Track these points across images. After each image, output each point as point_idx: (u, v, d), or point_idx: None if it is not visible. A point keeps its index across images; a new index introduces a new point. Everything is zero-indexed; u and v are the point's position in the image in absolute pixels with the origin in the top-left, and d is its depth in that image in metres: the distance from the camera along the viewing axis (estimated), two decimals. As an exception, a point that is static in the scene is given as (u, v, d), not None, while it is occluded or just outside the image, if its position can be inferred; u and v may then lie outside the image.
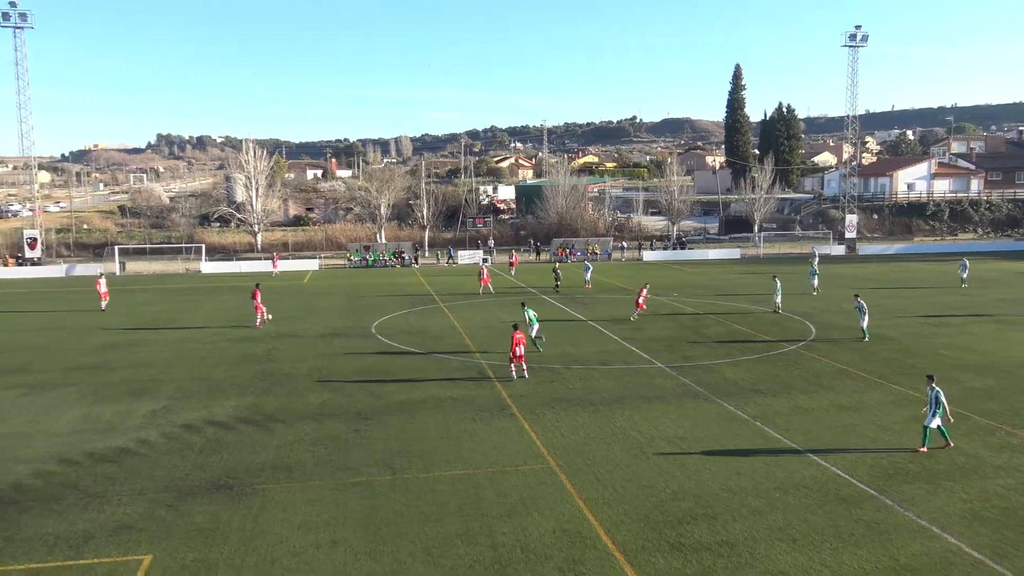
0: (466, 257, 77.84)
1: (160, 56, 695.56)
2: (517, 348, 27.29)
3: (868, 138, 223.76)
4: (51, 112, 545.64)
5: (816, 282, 49.62)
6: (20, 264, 72.72)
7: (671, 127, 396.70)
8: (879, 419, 22.46)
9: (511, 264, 64.29)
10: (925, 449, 19.61)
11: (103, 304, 46.39)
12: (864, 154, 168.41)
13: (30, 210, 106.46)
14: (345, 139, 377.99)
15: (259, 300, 39.83)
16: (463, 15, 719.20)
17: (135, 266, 74.06)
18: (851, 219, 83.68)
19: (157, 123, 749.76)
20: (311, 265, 73.63)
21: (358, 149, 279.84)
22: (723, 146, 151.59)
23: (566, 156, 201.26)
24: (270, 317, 40.15)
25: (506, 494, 17.33)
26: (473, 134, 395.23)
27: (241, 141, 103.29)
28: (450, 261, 76.81)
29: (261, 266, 72.18)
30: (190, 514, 16.41)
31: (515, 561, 14.30)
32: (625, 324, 38.47)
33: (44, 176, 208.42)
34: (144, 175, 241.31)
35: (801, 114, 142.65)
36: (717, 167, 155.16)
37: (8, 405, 25.05)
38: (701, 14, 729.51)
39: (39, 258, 74.30)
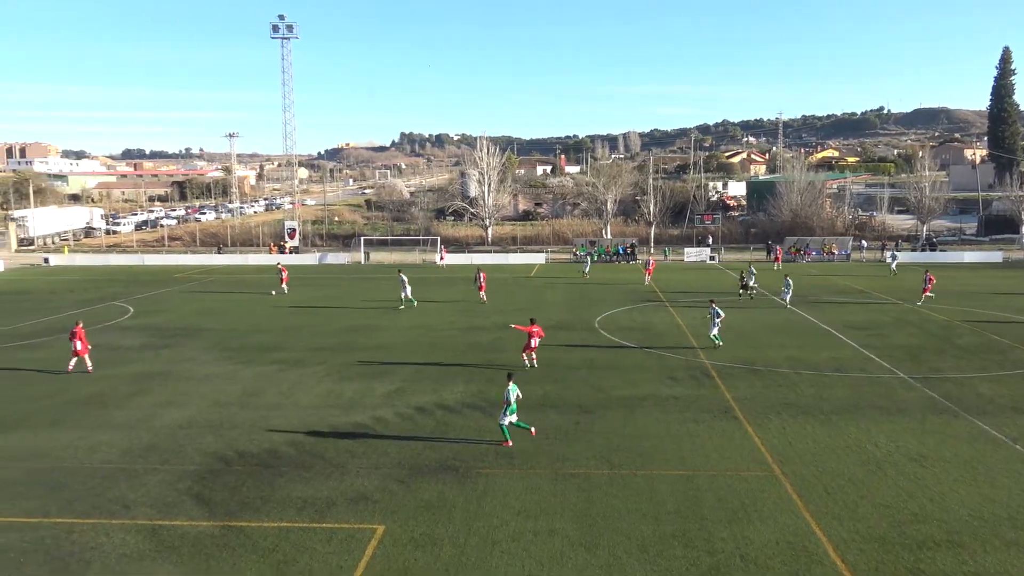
0: (692, 255, 76.32)
1: (404, 59, 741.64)
2: (532, 340, 28.20)
3: None
4: (309, 114, 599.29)
5: None
6: (281, 252, 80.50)
7: (923, 118, 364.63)
8: None
9: (647, 271, 56.24)
10: None
11: (285, 288, 50.77)
12: None
13: (290, 203, 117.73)
14: (574, 135, 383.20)
15: (484, 283, 45.28)
16: (693, 9, 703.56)
17: (378, 256, 79.50)
18: None
19: (401, 122, 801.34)
20: (538, 259, 75.48)
21: (586, 145, 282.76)
22: (985, 138, 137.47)
23: (803, 151, 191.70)
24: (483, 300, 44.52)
25: (726, 499, 16.80)
26: (704, 129, 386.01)
27: (476, 139, 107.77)
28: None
29: (491, 258, 75.16)
30: (419, 490, 17.38)
31: (733, 569, 13.83)
32: (863, 329, 35.97)
33: (303, 173, 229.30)
34: (388, 171, 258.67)
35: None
36: (977, 161, 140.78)
37: (265, 379, 27.83)
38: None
39: (297, 246, 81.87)
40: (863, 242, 78.18)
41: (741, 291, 47.77)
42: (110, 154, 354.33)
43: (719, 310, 32.38)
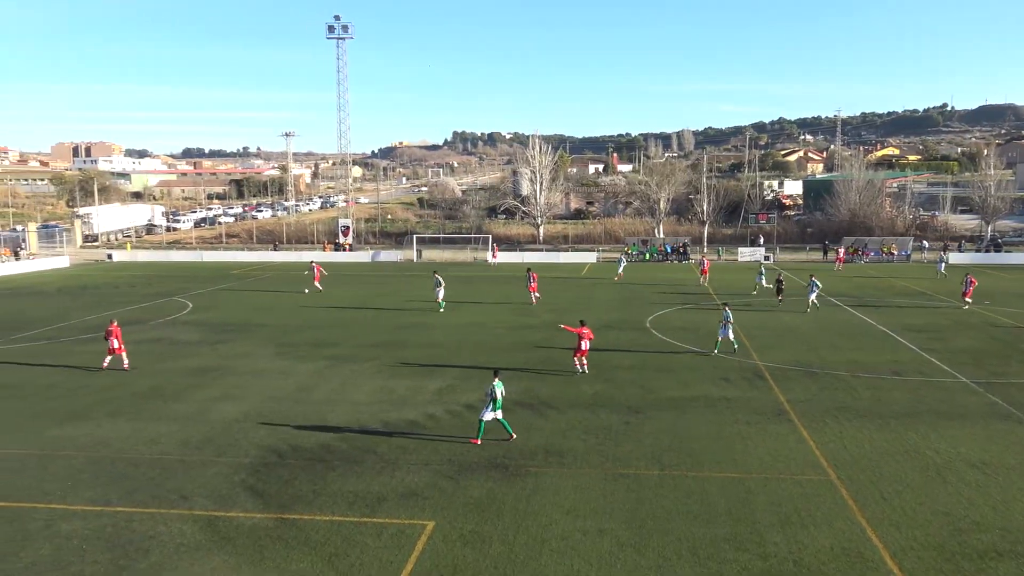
0: (746, 254, 75.27)
1: (457, 58, 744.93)
2: (583, 343, 27.13)
3: None
4: (363, 113, 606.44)
5: None
6: (336, 249, 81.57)
7: (989, 115, 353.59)
8: None
9: (702, 271, 55.12)
10: None
11: (318, 286, 50.89)
12: None
13: (345, 201, 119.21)
14: (627, 134, 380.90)
15: (535, 283, 44.43)
16: (750, 5, 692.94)
17: (430, 254, 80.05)
18: None
19: (453, 121, 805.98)
20: (589, 258, 75.22)
21: (639, 143, 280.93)
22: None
23: (862, 149, 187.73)
24: (538, 296, 44.22)
25: (780, 503, 16.52)
26: (759, 127, 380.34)
27: (528, 137, 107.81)
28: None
29: (542, 257, 75.19)
30: (469, 488, 17.45)
31: (786, 574, 13.61)
32: (923, 332, 35.08)
33: (357, 171, 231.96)
34: (440, 170, 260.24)
35: None
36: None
37: (318, 375, 28.22)
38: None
39: (351, 244, 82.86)
40: (924, 242, 76.23)
41: (780, 298, 44.05)
42: (171, 153, 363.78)
43: (730, 313, 31.22)
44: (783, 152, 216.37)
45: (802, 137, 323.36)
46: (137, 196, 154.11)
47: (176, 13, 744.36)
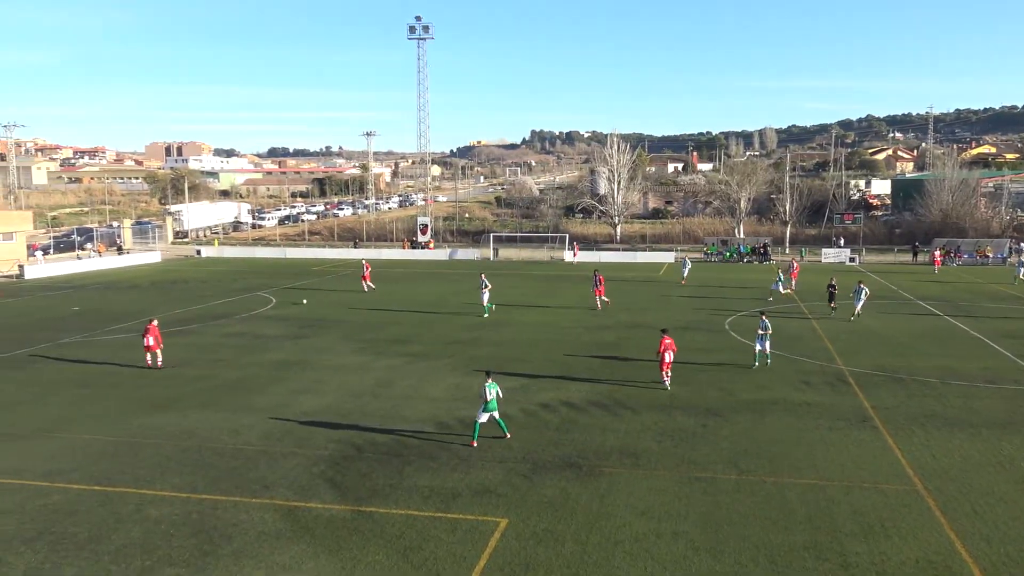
0: (831, 255, 73.22)
1: (536, 57, 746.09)
2: (666, 354, 25.40)
3: None
4: (442, 112, 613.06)
5: None
6: (414, 247, 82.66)
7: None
8: None
9: (791, 274, 51.19)
10: None
11: (365, 285, 50.97)
12: None
13: (423, 200, 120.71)
14: (707, 132, 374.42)
15: (602, 285, 43.11)
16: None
17: (506, 252, 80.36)
18: None
19: (532, 120, 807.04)
20: (667, 258, 74.34)
21: (720, 142, 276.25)
22: None
23: (955, 147, 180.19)
24: (606, 300, 42.89)
25: (863, 512, 16.01)
26: (846, 124, 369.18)
27: (606, 136, 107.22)
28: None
29: (619, 256, 74.72)
30: (542, 486, 17.46)
31: (869, 586, 13.18)
32: (1020, 339, 33.52)
33: (435, 170, 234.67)
34: (518, 169, 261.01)
35: None
36: None
37: (396, 371, 28.64)
38: None
39: (433, 243, 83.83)
40: (1022, 244, 72.82)
41: (832, 304, 40.41)
42: (257, 152, 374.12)
43: (768, 323, 28.81)
44: (871, 150, 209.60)
45: (891, 135, 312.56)
46: (225, 194, 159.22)
47: (263, 17, 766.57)
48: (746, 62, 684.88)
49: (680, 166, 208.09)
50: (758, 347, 28.51)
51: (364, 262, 54.89)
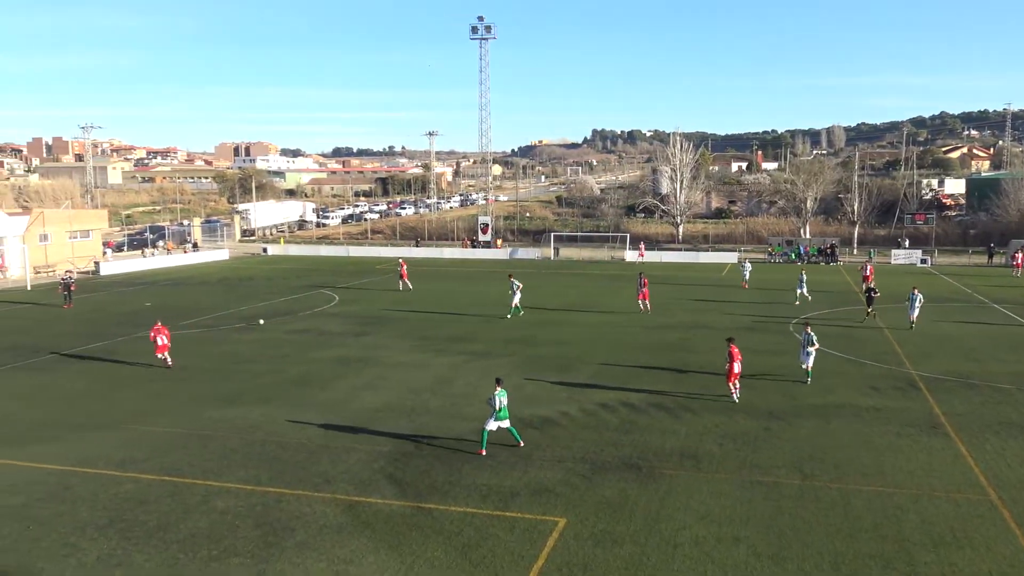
0: (900, 257, 71.22)
1: (598, 56, 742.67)
2: (735, 364, 23.59)
3: None
4: (504, 112, 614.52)
5: None
6: (474, 246, 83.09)
7: None
8: None
9: (865, 278, 47.14)
10: None
11: (401, 284, 50.72)
12: None
13: (484, 199, 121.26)
14: (772, 130, 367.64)
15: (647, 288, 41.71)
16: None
17: (567, 252, 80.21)
18: None
19: (593, 120, 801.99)
20: (730, 258, 73.25)
21: (786, 140, 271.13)
22: None
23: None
24: (648, 306, 41.45)
25: (932, 521, 15.52)
26: (918, 122, 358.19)
27: (669, 135, 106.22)
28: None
29: (680, 256, 73.99)
30: (601, 487, 17.36)
31: (939, 597, 12.77)
32: (1103, 344, 32.10)
33: (496, 169, 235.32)
34: (579, 168, 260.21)
35: None
36: None
37: (455, 369, 28.81)
38: None
39: (489, 241, 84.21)
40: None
41: (870, 310, 38.54)
42: (322, 152, 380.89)
43: (814, 336, 26.39)
44: (944, 148, 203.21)
45: (966, 132, 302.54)
46: (290, 193, 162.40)
47: (330, 20, 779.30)
48: (813, 59, 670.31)
49: (744, 165, 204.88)
50: (803, 363, 26.19)
51: (400, 260, 55.22)
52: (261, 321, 35.60)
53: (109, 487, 17.51)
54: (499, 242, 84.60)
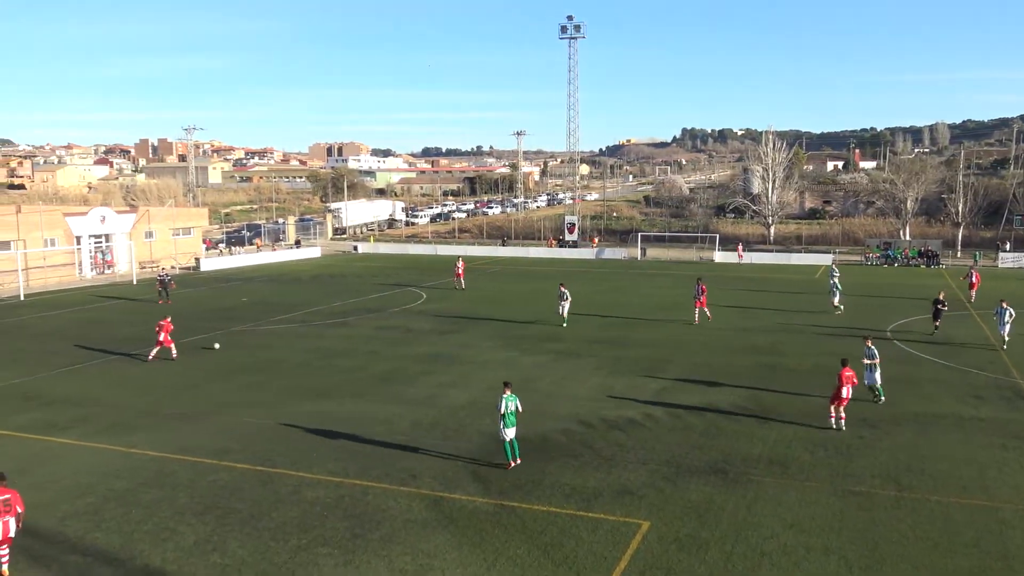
0: (1009, 260, 67.77)
1: (687, 54, 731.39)
2: (844, 388, 21.22)
3: None
4: (592, 111, 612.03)
5: None
6: (561, 246, 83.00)
7: None
8: None
9: (972, 286, 44.99)
10: None
11: (458, 283, 50.74)
12: None
13: (571, 199, 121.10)
14: (871, 128, 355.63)
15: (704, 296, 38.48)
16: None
17: (654, 252, 79.27)
18: None
19: (682, 118, 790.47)
20: (824, 260, 71.04)
21: (885, 138, 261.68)
22: None
23: None
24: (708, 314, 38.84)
25: (1040, 539, 14.72)
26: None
27: (761, 134, 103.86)
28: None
29: (772, 258, 72.23)
30: (686, 490, 17.11)
31: (1046, 620, 12.10)
32: None
33: (584, 169, 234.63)
34: (668, 167, 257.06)
35: None
36: None
37: (541, 368, 28.85)
38: None
39: (575, 241, 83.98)
40: None
41: (936, 323, 34.70)
42: (411, 152, 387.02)
43: (875, 350, 23.81)
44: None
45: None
46: (380, 192, 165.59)
47: (418, 22, 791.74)
48: (914, 53, 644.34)
49: (840, 164, 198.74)
50: (874, 380, 23.61)
51: (459, 258, 54.93)
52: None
53: (206, 475, 18.22)
54: (595, 240, 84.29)
